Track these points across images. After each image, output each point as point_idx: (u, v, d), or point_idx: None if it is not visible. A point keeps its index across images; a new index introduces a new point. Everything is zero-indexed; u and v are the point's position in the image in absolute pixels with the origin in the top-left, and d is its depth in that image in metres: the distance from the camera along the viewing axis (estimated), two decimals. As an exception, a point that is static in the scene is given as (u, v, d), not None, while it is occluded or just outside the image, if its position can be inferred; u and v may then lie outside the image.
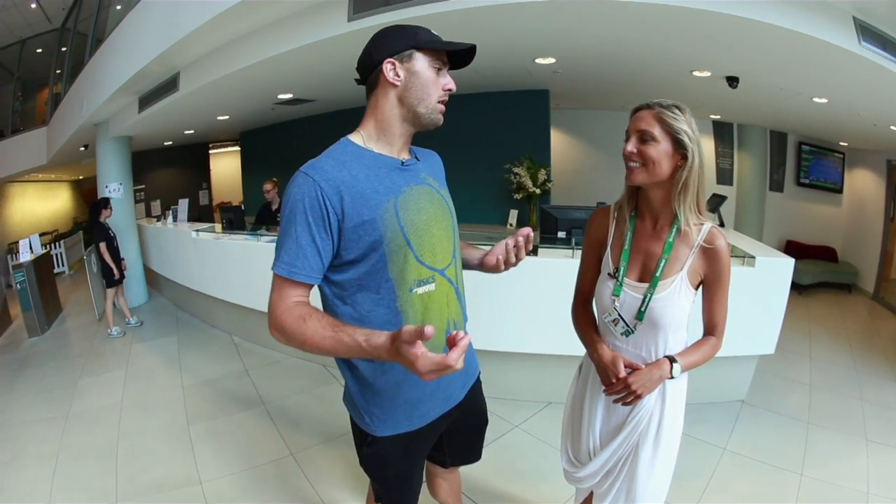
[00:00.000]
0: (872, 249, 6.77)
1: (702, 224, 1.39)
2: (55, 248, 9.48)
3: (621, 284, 1.45)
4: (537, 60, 4.35)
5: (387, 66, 1.22)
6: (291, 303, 1.18)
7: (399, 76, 1.23)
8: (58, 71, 8.20)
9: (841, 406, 3.56)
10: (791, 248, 7.32)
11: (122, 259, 5.57)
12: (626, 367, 1.42)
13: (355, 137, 1.29)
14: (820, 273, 6.96)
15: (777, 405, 3.50)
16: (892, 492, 2.65)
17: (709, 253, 1.38)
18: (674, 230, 1.39)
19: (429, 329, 0.94)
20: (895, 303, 6.27)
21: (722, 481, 2.68)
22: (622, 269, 1.45)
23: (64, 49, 8.05)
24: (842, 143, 7.31)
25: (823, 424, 3.28)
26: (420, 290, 1.28)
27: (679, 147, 1.32)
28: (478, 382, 1.59)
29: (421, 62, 1.23)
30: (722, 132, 7.49)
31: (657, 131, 1.32)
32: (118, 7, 5.49)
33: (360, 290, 1.25)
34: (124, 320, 5.54)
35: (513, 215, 6.35)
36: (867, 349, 4.77)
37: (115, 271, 5.32)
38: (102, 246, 5.25)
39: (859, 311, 6.29)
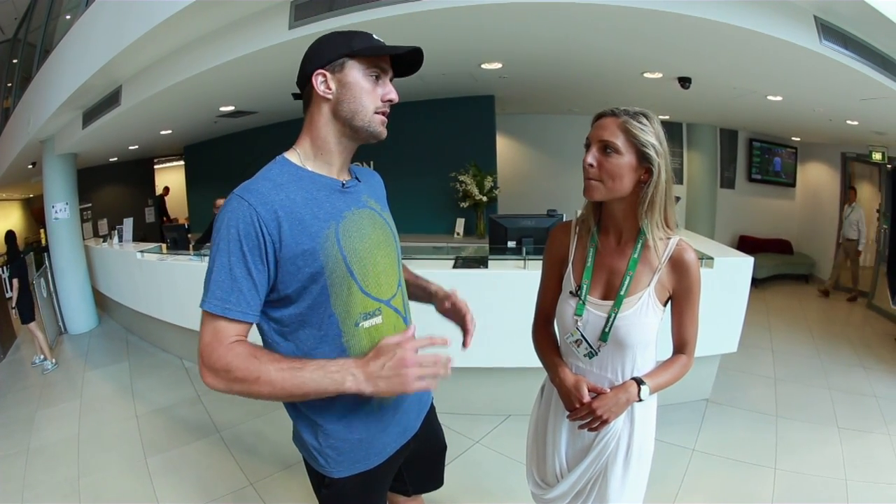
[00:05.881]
0: (828, 239, 6.97)
1: (669, 238, 1.31)
2: (5, 271, 9.02)
3: (584, 303, 1.36)
4: (483, 66, 4.30)
5: (317, 79, 1.12)
6: (231, 342, 1.06)
7: (330, 88, 1.12)
8: (8, 84, 7.74)
9: (808, 396, 3.60)
10: (745, 243, 7.49)
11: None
12: (590, 391, 1.33)
13: (291, 156, 1.17)
14: (776, 266, 7.13)
15: (743, 401, 3.52)
16: (869, 475, 2.68)
17: (677, 267, 1.31)
18: (639, 245, 1.31)
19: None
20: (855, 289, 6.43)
21: (694, 483, 2.66)
22: (585, 287, 1.36)
23: (15, 61, 7.61)
24: (794, 139, 7.51)
25: (792, 416, 3.30)
26: (366, 324, 1.17)
27: (644, 160, 1.23)
28: (432, 409, 1.50)
29: (354, 72, 1.12)
30: (671, 132, 7.61)
31: (621, 142, 1.22)
32: (67, 17, 5.29)
33: (302, 326, 1.14)
34: (37, 355, 5.20)
35: (459, 224, 6.29)
36: (829, 337, 4.88)
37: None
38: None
39: (818, 300, 6.44)
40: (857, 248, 6.34)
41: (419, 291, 1.49)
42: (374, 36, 1.15)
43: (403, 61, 1.17)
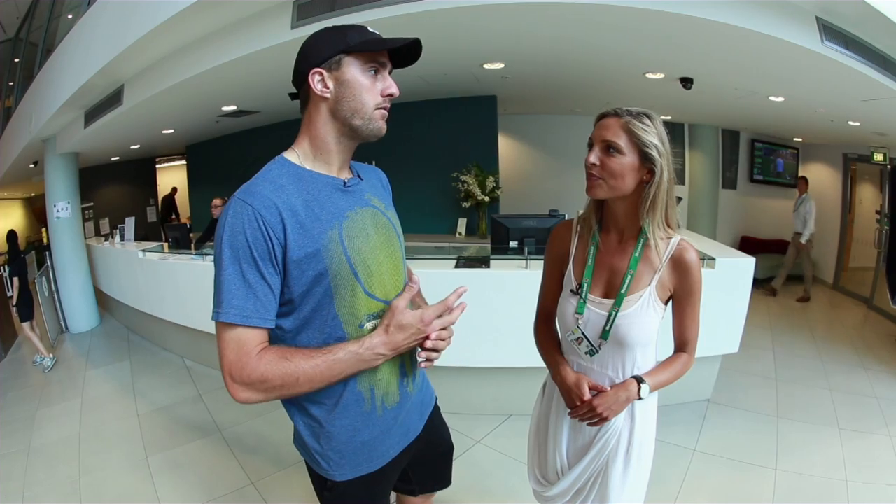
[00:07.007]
0: (830, 240, 6.95)
1: (670, 237, 1.31)
2: (5, 270, 9.03)
3: (584, 301, 1.36)
4: (486, 66, 4.30)
5: (314, 78, 1.09)
6: (259, 351, 1.05)
7: (328, 87, 1.09)
8: (10, 83, 7.75)
9: (809, 397, 3.59)
10: (746, 243, 7.47)
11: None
12: (590, 388, 1.33)
13: (290, 155, 1.15)
14: (777, 267, 7.08)
15: (744, 402, 3.51)
16: (870, 476, 2.67)
17: (678, 267, 1.31)
18: (640, 244, 1.31)
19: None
20: (856, 290, 6.42)
21: (694, 483, 2.66)
22: (585, 285, 1.36)
23: (17, 60, 7.63)
24: (796, 139, 7.49)
25: (793, 417, 3.30)
26: (370, 325, 1.16)
27: (646, 161, 1.23)
28: (436, 409, 1.49)
29: (352, 68, 1.09)
30: (672, 132, 7.57)
31: (623, 143, 1.23)
32: (69, 16, 5.30)
33: (305, 329, 1.12)
34: (38, 354, 5.19)
35: (461, 224, 6.32)
36: (831, 338, 4.86)
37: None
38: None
39: (820, 301, 6.42)
40: (800, 241, 6.38)
41: None
42: (369, 28, 1.13)
43: (401, 52, 1.14)
